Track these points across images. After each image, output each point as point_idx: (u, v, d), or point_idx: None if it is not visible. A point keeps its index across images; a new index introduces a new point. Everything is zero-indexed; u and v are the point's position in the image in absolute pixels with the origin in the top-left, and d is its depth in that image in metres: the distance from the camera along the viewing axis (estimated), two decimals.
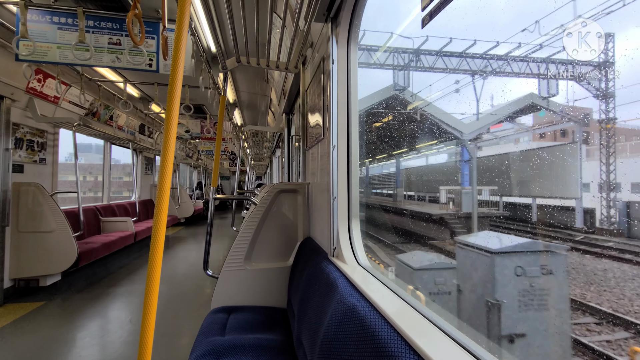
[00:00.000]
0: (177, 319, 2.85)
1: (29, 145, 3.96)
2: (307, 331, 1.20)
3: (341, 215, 1.52)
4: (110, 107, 5.27)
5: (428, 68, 11.13)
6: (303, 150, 2.49)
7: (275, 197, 2.09)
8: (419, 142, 16.64)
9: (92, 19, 2.75)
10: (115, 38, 2.76)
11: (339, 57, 1.53)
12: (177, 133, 7.39)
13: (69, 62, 2.70)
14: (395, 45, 11.25)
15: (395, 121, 14.38)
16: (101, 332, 2.61)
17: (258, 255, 2.06)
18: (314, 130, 2.01)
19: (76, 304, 3.21)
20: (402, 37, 15.26)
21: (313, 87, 2.02)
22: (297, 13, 1.62)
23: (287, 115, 4.25)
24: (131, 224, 5.31)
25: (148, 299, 0.97)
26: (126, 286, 3.80)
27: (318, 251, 1.63)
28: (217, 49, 2.02)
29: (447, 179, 14.66)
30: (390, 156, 20.48)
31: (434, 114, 11.72)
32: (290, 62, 2.24)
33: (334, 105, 1.54)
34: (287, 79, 3.33)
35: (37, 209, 3.54)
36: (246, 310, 1.90)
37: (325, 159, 1.65)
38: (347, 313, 0.94)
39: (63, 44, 2.75)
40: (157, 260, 0.97)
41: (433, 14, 0.85)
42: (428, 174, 17.70)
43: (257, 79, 5.25)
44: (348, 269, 1.26)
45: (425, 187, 17.45)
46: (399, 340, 0.72)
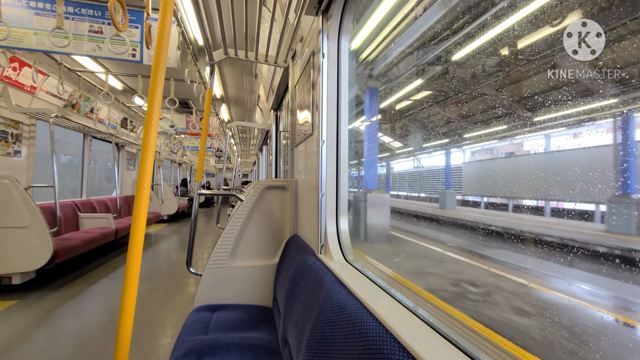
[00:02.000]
0: (158, 318, 2.78)
1: (2, 137, 3.77)
2: (293, 329, 1.18)
3: (329, 211, 1.50)
4: (90, 99, 5.09)
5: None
6: (291, 147, 2.45)
7: (262, 194, 2.05)
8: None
9: (72, 5, 2.64)
10: (97, 26, 2.65)
11: (329, 51, 1.51)
12: (162, 128, 7.23)
13: (45, 50, 2.58)
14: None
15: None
16: (77, 332, 2.51)
17: (243, 252, 2.01)
18: (303, 126, 1.99)
19: (51, 302, 3.07)
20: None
21: (302, 82, 1.99)
22: (287, 6, 1.58)
23: (276, 111, 4.20)
24: (112, 220, 5.14)
25: (125, 297, 0.92)
26: (105, 284, 3.67)
27: (305, 248, 1.61)
28: (204, 40, 1.96)
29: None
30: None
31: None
32: (280, 56, 2.21)
33: (323, 100, 1.51)
34: (276, 75, 3.28)
35: (11, 203, 3.37)
36: (230, 309, 1.86)
37: (314, 155, 1.62)
38: (335, 310, 0.92)
39: (40, 30, 2.62)
40: (136, 257, 0.93)
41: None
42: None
43: (245, 74, 5.18)
44: (336, 266, 1.24)
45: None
46: (388, 336, 0.70)
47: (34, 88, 4.10)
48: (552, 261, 2.78)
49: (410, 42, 6.12)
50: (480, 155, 7.52)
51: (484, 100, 5.02)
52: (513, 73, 3.60)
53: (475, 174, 7.16)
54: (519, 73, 3.43)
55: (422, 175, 10.88)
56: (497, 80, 4.09)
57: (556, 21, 1.90)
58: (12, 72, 3.74)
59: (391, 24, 5.17)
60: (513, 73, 3.60)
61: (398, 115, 9.35)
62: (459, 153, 8.04)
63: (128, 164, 7.57)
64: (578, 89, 2.43)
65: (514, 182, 4.38)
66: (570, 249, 3.13)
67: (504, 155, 6.59)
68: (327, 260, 1.34)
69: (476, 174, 7.04)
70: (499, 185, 5.20)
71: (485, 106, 5.21)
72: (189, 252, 2.03)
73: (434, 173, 9.99)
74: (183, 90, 5.69)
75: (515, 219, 5.23)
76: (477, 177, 6.91)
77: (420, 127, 8.83)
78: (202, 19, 1.81)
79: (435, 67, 6.80)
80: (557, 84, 2.45)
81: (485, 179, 6.24)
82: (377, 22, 4.08)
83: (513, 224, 4.72)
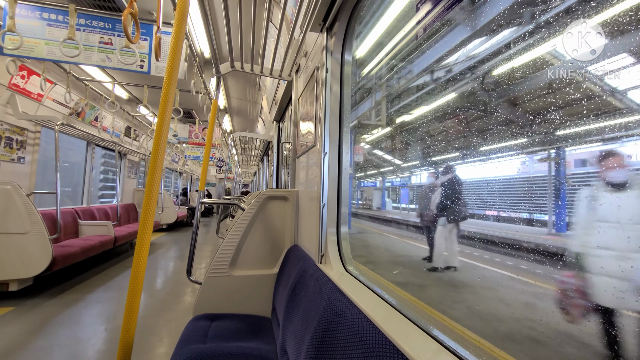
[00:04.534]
0: (157, 327, 2.75)
1: (7, 143, 3.82)
2: (292, 339, 1.18)
3: (330, 221, 1.52)
4: (96, 107, 5.17)
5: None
6: (293, 158, 2.49)
7: (264, 204, 2.07)
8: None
9: (84, 17, 2.72)
10: (107, 37, 2.73)
11: (332, 66, 1.56)
12: None
13: (56, 59, 2.65)
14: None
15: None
16: (72, 340, 2.48)
17: (243, 261, 2.02)
18: (305, 137, 2.03)
19: (47, 310, 3.05)
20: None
21: (305, 95, 2.04)
22: (293, 23, 1.65)
23: (278, 123, 4.26)
24: (111, 228, 5.14)
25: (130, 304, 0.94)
26: (102, 292, 3.65)
27: (305, 258, 1.62)
28: (212, 53, 2.02)
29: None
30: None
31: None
32: (284, 70, 2.27)
33: (326, 113, 1.56)
34: (279, 87, 3.35)
35: (12, 209, 3.39)
36: (229, 318, 1.86)
37: (316, 167, 1.65)
38: (335, 319, 0.93)
39: (51, 40, 2.70)
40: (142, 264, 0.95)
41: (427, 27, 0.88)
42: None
43: (248, 86, 5.27)
44: (336, 276, 1.26)
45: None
46: (388, 344, 0.72)
47: (40, 96, 4.17)
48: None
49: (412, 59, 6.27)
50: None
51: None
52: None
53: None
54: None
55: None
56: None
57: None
58: (20, 80, 3.82)
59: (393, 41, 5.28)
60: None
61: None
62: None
63: (129, 172, 7.61)
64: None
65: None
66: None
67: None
68: (327, 270, 1.35)
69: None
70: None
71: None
72: (190, 261, 2.04)
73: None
74: (187, 101, 5.78)
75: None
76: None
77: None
78: (211, 32, 1.87)
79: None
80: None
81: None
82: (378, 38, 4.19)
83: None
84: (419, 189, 10.59)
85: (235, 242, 2.00)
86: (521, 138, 2.11)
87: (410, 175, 13.84)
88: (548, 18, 1.31)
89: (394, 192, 13.50)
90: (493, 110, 2.50)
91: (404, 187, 12.17)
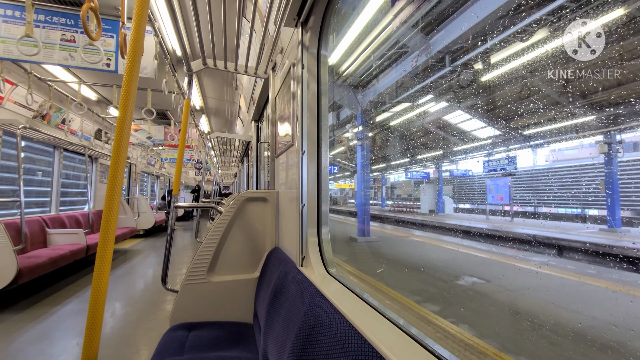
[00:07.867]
0: (133, 338, 2.62)
1: None
2: (273, 346, 1.13)
3: (310, 223, 1.48)
4: (62, 109, 4.89)
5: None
6: (272, 158, 2.43)
7: (243, 206, 2.00)
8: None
9: (44, 13, 2.55)
10: (70, 35, 2.57)
11: (309, 62, 1.52)
12: (138, 139, 7.02)
13: (13, 58, 2.47)
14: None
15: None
16: (41, 356, 2.33)
17: (222, 266, 1.95)
18: (284, 137, 1.97)
19: (14, 325, 2.85)
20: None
21: (283, 93, 1.99)
22: (267, 17, 1.59)
23: (257, 122, 4.17)
24: (83, 236, 4.88)
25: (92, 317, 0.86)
26: (74, 305, 3.45)
27: (286, 261, 1.57)
28: (182, 50, 1.93)
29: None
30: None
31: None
32: (260, 67, 2.20)
33: (303, 111, 1.51)
34: (257, 86, 3.27)
35: None
36: (208, 327, 1.78)
37: (295, 166, 1.61)
38: (317, 325, 0.89)
39: (8, 38, 2.51)
40: (104, 274, 0.87)
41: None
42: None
43: (225, 85, 5.14)
44: (317, 279, 1.21)
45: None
46: (371, 351, 0.68)
47: (0, 98, 3.90)
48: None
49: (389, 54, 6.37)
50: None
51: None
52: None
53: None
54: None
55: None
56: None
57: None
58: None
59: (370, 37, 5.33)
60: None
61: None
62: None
63: (102, 177, 7.28)
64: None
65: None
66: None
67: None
68: (308, 273, 1.31)
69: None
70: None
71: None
72: (165, 268, 1.94)
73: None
74: (161, 101, 5.58)
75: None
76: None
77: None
78: (180, 29, 1.78)
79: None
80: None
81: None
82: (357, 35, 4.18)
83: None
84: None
85: (213, 246, 1.92)
86: None
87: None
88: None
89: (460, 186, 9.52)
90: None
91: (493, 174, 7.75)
